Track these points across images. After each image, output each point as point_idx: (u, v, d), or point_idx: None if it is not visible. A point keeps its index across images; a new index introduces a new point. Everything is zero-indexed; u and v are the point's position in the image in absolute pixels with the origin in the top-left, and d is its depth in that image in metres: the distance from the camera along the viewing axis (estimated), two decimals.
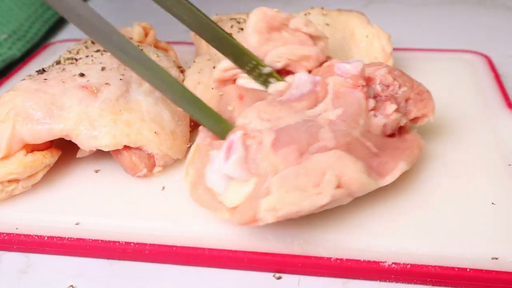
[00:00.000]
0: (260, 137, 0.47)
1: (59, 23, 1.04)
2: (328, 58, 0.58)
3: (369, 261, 0.47)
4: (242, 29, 0.70)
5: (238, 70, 0.57)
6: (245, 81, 0.57)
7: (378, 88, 0.54)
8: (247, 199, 0.46)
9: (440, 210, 0.52)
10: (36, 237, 0.50)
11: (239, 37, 0.68)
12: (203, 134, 0.54)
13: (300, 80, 0.53)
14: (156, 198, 0.54)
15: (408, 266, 0.46)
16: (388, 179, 0.50)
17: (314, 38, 0.58)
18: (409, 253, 0.47)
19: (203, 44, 0.73)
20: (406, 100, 0.55)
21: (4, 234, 0.50)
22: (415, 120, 0.56)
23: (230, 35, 0.57)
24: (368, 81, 0.54)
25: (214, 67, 0.62)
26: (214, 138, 0.53)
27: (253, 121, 0.48)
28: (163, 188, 0.56)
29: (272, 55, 0.56)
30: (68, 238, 0.50)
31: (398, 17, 1.05)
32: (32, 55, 0.86)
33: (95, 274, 0.49)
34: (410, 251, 0.47)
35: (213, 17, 0.78)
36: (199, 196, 0.50)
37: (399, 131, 0.55)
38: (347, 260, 0.47)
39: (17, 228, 0.51)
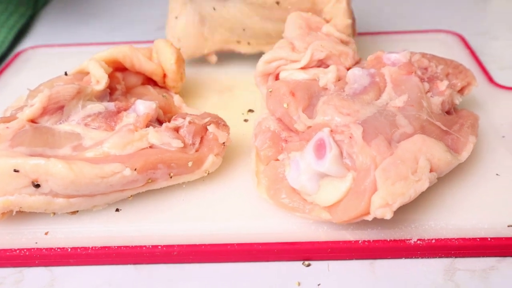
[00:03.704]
0: (349, 131, 0.48)
1: (24, 30, 1.00)
2: (360, 59, 0.61)
3: (395, 240, 0.48)
4: None
5: (282, 62, 0.59)
6: (289, 73, 0.58)
7: (419, 72, 0.56)
8: (347, 196, 0.47)
9: (449, 185, 0.54)
10: (58, 250, 0.49)
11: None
12: (261, 139, 0.55)
13: (355, 75, 0.55)
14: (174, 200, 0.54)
15: (433, 241, 0.48)
16: (465, 155, 0.52)
17: (344, 42, 0.61)
18: (429, 229, 0.49)
19: None
20: (447, 76, 0.59)
21: (25, 250, 0.49)
22: (462, 91, 0.60)
23: None
24: None
25: None
26: (275, 141, 0.54)
27: (335, 116, 0.49)
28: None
29: (317, 44, 0.58)
30: (92, 247, 0.49)
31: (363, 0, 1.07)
32: (6, 63, 0.82)
33: (123, 281, 0.48)
34: (430, 226, 0.49)
35: None
36: (283, 201, 0.51)
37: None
38: (374, 241, 0.48)
39: (36, 243, 0.50)
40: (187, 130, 0.55)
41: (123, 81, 0.65)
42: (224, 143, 0.55)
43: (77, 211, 0.52)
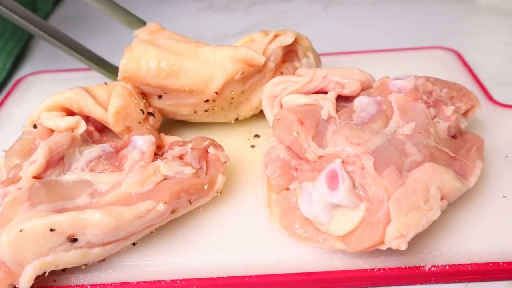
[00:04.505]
0: (360, 162, 0.49)
1: (21, 56, 1.00)
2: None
3: (410, 267, 0.49)
4: None
5: (288, 84, 0.61)
6: (291, 97, 0.59)
7: (424, 97, 0.57)
8: (361, 226, 0.48)
9: (457, 208, 0.55)
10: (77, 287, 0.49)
11: None
12: (271, 168, 0.55)
13: (362, 103, 0.56)
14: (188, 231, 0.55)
15: (447, 267, 0.49)
16: (472, 180, 0.53)
17: None
18: (442, 254, 0.50)
19: None
20: (451, 99, 0.60)
21: None
22: (465, 114, 0.61)
23: None
24: None
25: None
26: (286, 170, 0.54)
27: (345, 147, 0.50)
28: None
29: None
30: (111, 283, 0.49)
31: (357, 18, 1.08)
32: (7, 92, 0.82)
33: None
34: (442, 252, 0.51)
35: None
36: (297, 231, 0.52)
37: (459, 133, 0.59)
38: (389, 269, 0.49)
39: (55, 281, 0.50)
40: (192, 156, 0.56)
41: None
42: (225, 161, 0.57)
43: (105, 258, 0.52)
